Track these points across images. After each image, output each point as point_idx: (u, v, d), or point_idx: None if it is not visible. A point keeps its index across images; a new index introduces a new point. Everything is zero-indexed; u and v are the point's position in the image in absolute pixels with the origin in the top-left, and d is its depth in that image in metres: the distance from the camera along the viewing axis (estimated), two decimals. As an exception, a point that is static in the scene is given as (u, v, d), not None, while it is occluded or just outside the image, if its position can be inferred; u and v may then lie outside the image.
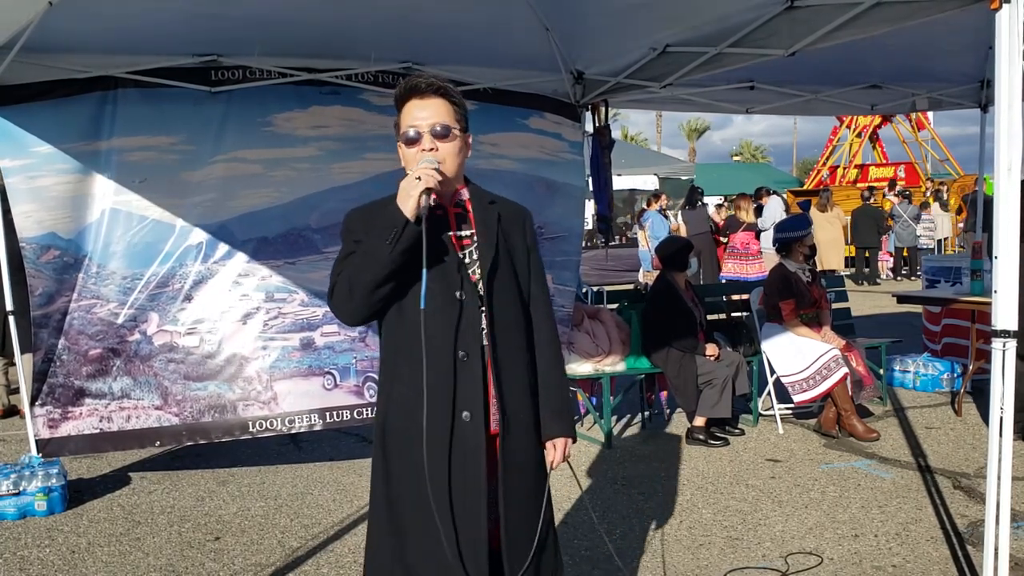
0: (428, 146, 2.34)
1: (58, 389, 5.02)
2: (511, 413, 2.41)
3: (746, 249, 12.03)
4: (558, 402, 2.53)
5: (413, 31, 5.19)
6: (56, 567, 4.13)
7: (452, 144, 2.37)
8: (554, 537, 2.57)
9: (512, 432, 2.41)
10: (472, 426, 2.34)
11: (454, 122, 2.38)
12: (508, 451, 2.40)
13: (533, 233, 2.58)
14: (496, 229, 2.45)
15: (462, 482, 2.33)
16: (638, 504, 4.81)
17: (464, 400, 2.34)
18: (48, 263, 4.93)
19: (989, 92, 7.27)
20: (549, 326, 2.56)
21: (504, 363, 2.39)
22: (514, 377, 2.42)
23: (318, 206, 5.46)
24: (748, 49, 5.20)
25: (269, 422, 5.36)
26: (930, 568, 3.89)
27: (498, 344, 2.38)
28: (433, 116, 2.36)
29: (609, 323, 6.34)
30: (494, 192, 2.59)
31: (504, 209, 2.51)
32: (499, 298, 2.41)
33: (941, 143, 28.81)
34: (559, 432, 2.51)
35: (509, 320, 2.43)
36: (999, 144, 3.21)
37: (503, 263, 2.44)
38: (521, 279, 2.50)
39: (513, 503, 2.41)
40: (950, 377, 7.36)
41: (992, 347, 3.28)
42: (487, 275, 2.39)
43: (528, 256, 2.53)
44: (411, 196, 2.24)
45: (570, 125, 6.46)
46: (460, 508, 2.33)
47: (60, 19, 3.99)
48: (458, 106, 2.41)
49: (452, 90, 2.42)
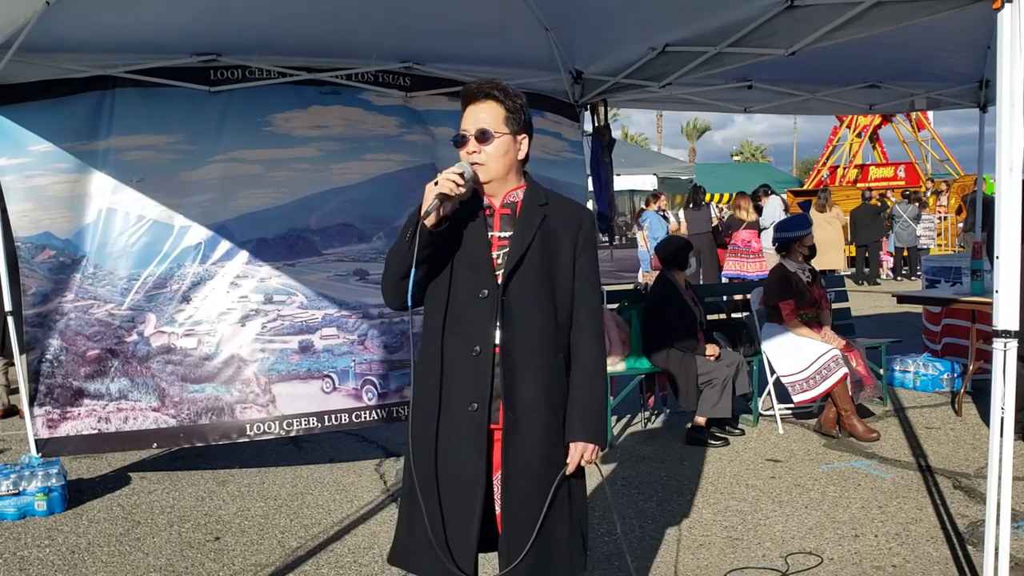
0: (471, 149, 2.47)
1: (56, 389, 5.01)
2: (520, 411, 2.47)
3: (747, 247, 12.03)
4: (585, 406, 2.52)
5: (413, 30, 5.19)
6: (56, 567, 4.12)
7: (494, 146, 2.47)
8: (576, 537, 2.56)
9: (519, 430, 2.47)
10: (477, 418, 2.46)
11: (501, 124, 2.47)
12: (512, 447, 2.47)
13: (590, 236, 2.57)
14: (535, 231, 2.50)
15: (459, 471, 2.47)
16: (638, 504, 4.80)
17: (473, 392, 2.46)
18: (43, 263, 4.92)
19: (988, 92, 7.27)
20: (592, 330, 2.55)
21: (517, 363, 2.47)
22: (528, 376, 2.48)
23: (318, 207, 5.45)
24: (748, 49, 5.19)
25: (267, 425, 5.35)
26: (930, 568, 3.88)
27: (511, 344, 2.46)
28: (478, 121, 2.47)
29: (609, 323, 6.32)
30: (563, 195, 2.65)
31: (555, 211, 2.55)
32: (518, 299, 2.47)
33: (941, 143, 28.84)
34: (579, 436, 2.51)
35: (530, 321, 2.48)
36: (1000, 144, 3.21)
37: (531, 265, 2.48)
38: (559, 282, 2.52)
39: (513, 498, 2.47)
40: (950, 377, 7.35)
41: (993, 347, 3.28)
42: (506, 276, 2.47)
43: (574, 259, 2.53)
44: (426, 200, 2.36)
45: (569, 124, 6.45)
46: (455, 495, 2.47)
47: (58, 18, 3.99)
48: (511, 108, 2.49)
49: (506, 92, 2.50)
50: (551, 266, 2.50)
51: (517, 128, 2.50)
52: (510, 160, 2.50)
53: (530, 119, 2.55)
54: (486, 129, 2.45)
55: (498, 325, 2.46)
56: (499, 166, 2.48)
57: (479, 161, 2.46)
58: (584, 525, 2.61)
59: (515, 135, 2.49)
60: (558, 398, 2.52)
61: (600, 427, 2.55)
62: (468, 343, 2.48)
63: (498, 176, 2.50)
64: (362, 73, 5.57)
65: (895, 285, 16.27)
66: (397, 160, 5.64)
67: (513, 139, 2.49)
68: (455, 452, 2.48)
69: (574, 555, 2.56)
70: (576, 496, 2.57)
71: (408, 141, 5.69)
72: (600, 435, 2.54)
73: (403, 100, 5.74)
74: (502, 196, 2.54)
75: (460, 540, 2.46)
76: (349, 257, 5.47)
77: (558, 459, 2.51)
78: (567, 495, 2.54)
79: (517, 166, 2.54)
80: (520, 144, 2.52)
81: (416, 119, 5.75)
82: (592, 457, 2.53)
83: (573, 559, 2.56)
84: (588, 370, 2.53)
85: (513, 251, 2.48)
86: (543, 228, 2.50)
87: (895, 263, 18.57)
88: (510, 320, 2.46)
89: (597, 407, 2.55)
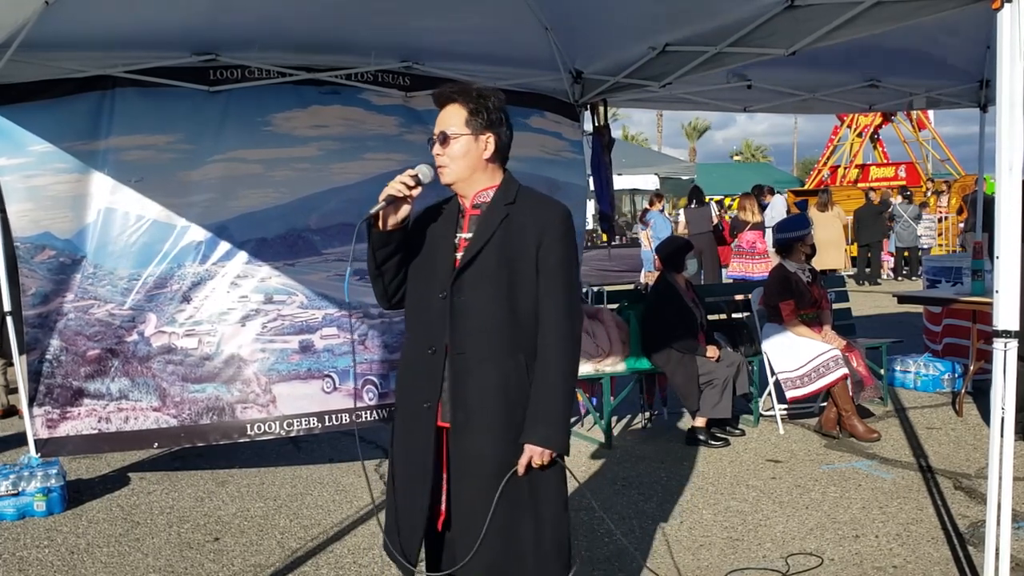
0: (436, 152, 2.55)
1: (56, 389, 5.01)
2: (469, 409, 2.51)
3: (752, 248, 12.02)
4: (540, 408, 2.49)
5: (413, 30, 5.19)
6: (55, 567, 4.12)
7: (454, 147, 2.53)
8: (545, 543, 2.53)
9: (467, 427, 2.52)
10: (428, 415, 2.56)
11: (462, 126, 2.52)
12: (459, 447, 2.53)
13: (559, 234, 2.53)
14: (492, 231, 2.51)
15: (410, 466, 2.61)
16: (638, 505, 4.80)
17: (426, 391, 2.56)
18: (43, 263, 4.91)
19: (988, 92, 7.27)
20: (556, 331, 2.50)
21: (469, 363, 2.51)
22: (479, 376, 2.50)
23: (318, 207, 5.44)
24: (748, 48, 5.19)
25: (267, 425, 5.34)
26: (931, 569, 3.88)
27: (463, 344, 2.51)
28: (440, 124, 2.55)
29: (609, 323, 6.32)
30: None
31: (522, 210, 2.55)
32: (473, 299, 2.50)
33: (942, 143, 28.83)
34: (531, 439, 2.49)
35: (484, 322, 2.50)
36: (1000, 144, 3.21)
37: (486, 265, 2.50)
38: (520, 282, 2.50)
39: (461, 497, 2.54)
40: (951, 377, 7.34)
41: (993, 347, 3.27)
42: (456, 277, 2.51)
43: (537, 259, 2.50)
44: (378, 202, 2.50)
45: (570, 124, 6.45)
46: (407, 489, 2.62)
47: (58, 18, 3.99)
48: (473, 109, 2.53)
49: (468, 94, 2.55)
50: (511, 266, 2.50)
51: (480, 128, 2.53)
52: (472, 160, 2.54)
53: (501, 119, 2.56)
54: (445, 131, 2.53)
55: (449, 326, 2.51)
56: (460, 167, 2.54)
57: (442, 163, 2.55)
58: (558, 531, 2.56)
59: (477, 135, 2.52)
60: (515, 398, 2.50)
61: (556, 431, 2.49)
62: (425, 343, 2.57)
63: (461, 177, 2.56)
64: (362, 73, 5.56)
65: (896, 285, 16.26)
66: (397, 160, 5.62)
67: (475, 139, 2.53)
68: (411, 449, 2.61)
69: (542, 560, 2.53)
70: (545, 501, 2.54)
71: (408, 141, 5.68)
72: (555, 439, 2.49)
73: (403, 100, 5.74)
74: (472, 197, 2.59)
75: (407, 531, 2.61)
76: (349, 257, 5.46)
77: (506, 457, 2.50)
78: (530, 498, 2.52)
79: (484, 165, 2.56)
80: (485, 143, 2.54)
81: (416, 119, 5.74)
82: (542, 461, 2.49)
83: (541, 565, 2.52)
84: (548, 372, 2.49)
85: (466, 252, 2.52)
86: (505, 228, 2.51)
87: (896, 263, 18.56)
88: (463, 321, 2.51)
89: (554, 410, 2.49)
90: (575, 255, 2.57)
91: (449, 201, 2.65)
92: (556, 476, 2.57)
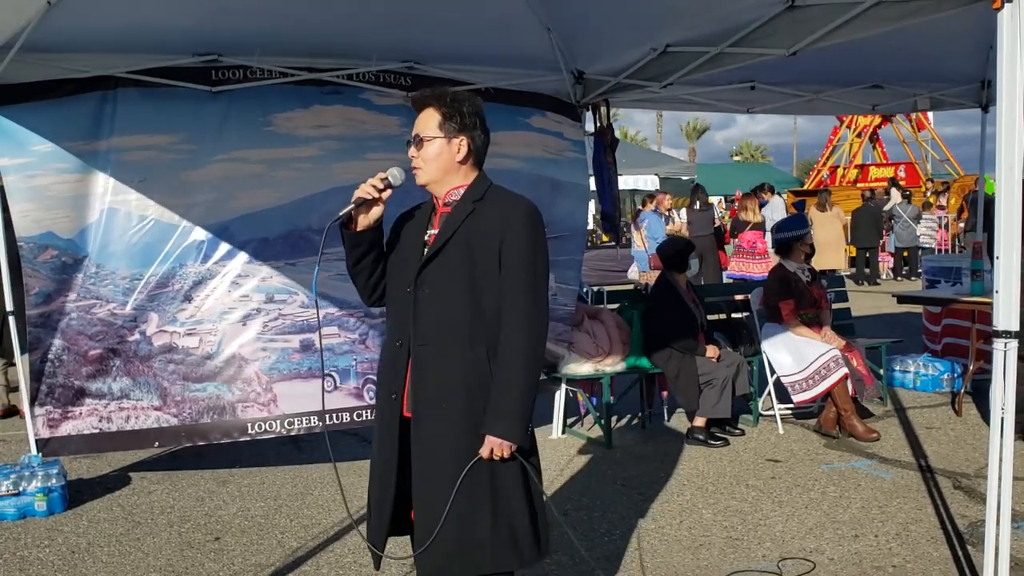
0: (412, 154, 2.67)
1: (58, 389, 5.02)
2: (429, 400, 2.59)
3: (752, 248, 12.02)
4: (498, 401, 2.55)
5: (414, 30, 5.19)
6: (56, 567, 4.13)
7: (427, 150, 2.64)
8: (503, 534, 2.59)
9: (427, 417, 2.60)
10: (393, 406, 2.68)
11: (435, 129, 2.63)
12: (419, 434, 2.63)
13: (521, 228, 2.58)
14: (455, 228, 2.60)
15: (380, 455, 2.73)
16: (638, 504, 4.81)
17: (392, 383, 2.68)
18: (45, 263, 4.92)
19: (990, 92, 7.27)
20: (514, 325, 2.55)
21: (431, 354, 2.60)
22: (440, 368, 2.59)
23: (319, 207, 5.43)
24: (749, 49, 5.19)
25: (268, 424, 5.35)
26: (930, 568, 3.89)
27: (425, 336, 2.60)
28: (416, 127, 2.66)
29: (609, 323, 6.33)
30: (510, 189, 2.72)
31: (488, 207, 2.62)
32: (435, 294, 2.59)
33: (941, 143, 28.86)
34: (489, 430, 2.55)
35: (446, 315, 2.59)
36: (1000, 144, 3.21)
37: (447, 260, 2.59)
38: (482, 276, 2.57)
39: (421, 485, 2.62)
40: (950, 377, 7.35)
41: (993, 347, 3.28)
42: (418, 272, 2.61)
43: (500, 255, 2.56)
44: (349, 204, 2.61)
45: (571, 124, 6.44)
46: (376, 477, 2.74)
47: (60, 18, 4.00)
48: (446, 113, 2.62)
49: (442, 98, 2.64)
50: (473, 261, 2.57)
51: (454, 131, 2.63)
52: (444, 162, 2.64)
53: (476, 123, 2.65)
54: (418, 134, 2.64)
55: (412, 318, 2.61)
56: (433, 168, 2.65)
57: (416, 165, 2.66)
58: (518, 521, 2.61)
59: (450, 138, 2.62)
60: (475, 390, 2.58)
61: (513, 423, 2.54)
62: (394, 337, 2.70)
63: (434, 178, 2.67)
64: (363, 73, 5.56)
65: (895, 285, 16.26)
66: (398, 160, 5.61)
67: (447, 142, 2.63)
68: (381, 439, 2.73)
69: (498, 551, 2.60)
70: (503, 493, 2.59)
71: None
72: (512, 431, 2.53)
73: (404, 100, 5.74)
74: (443, 196, 2.69)
75: (376, 518, 2.72)
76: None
77: (466, 446, 2.57)
78: (489, 489, 2.58)
79: (456, 168, 2.66)
80: (458, 146, 2.63)
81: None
82: (502, 453, 2.55)
83: (497, 556, 2.60)
84: (505, 365, 2.55)
85: (431, 247, 2.62)
86: (470, 224, 2.59)
87: (895, 263, 18.56)
88: (425, 313, 2.60)
89: (511, 402, 2.53)
90: (541, 252, 2.61)
91: (424, 201, 2.79)
92: (516, 469, 2.62)
